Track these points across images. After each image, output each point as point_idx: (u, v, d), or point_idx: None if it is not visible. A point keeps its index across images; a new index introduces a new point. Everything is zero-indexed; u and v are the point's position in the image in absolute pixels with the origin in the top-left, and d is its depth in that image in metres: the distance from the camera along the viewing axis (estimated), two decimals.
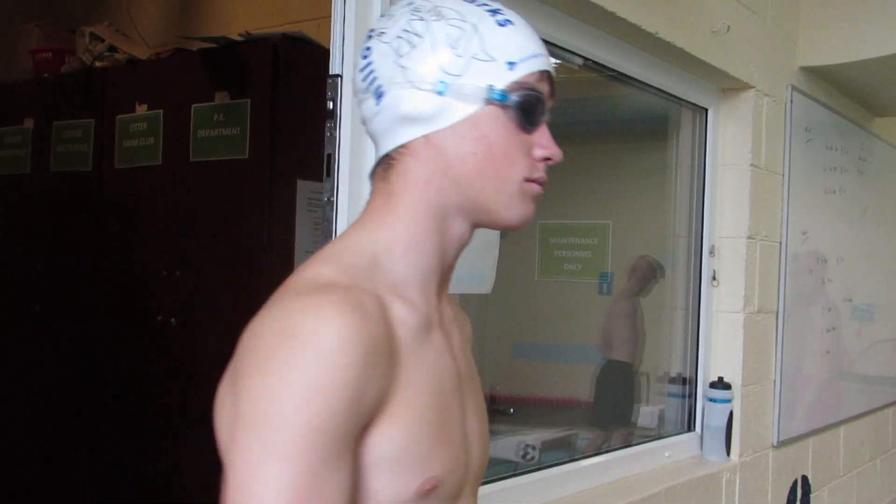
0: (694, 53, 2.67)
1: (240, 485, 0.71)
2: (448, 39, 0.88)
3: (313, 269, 0.85)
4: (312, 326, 0.73)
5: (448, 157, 0.89)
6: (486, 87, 0.88)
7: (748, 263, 3.05)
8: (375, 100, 0.91)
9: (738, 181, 3.06)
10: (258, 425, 0.71)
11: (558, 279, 2.90)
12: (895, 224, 4.59)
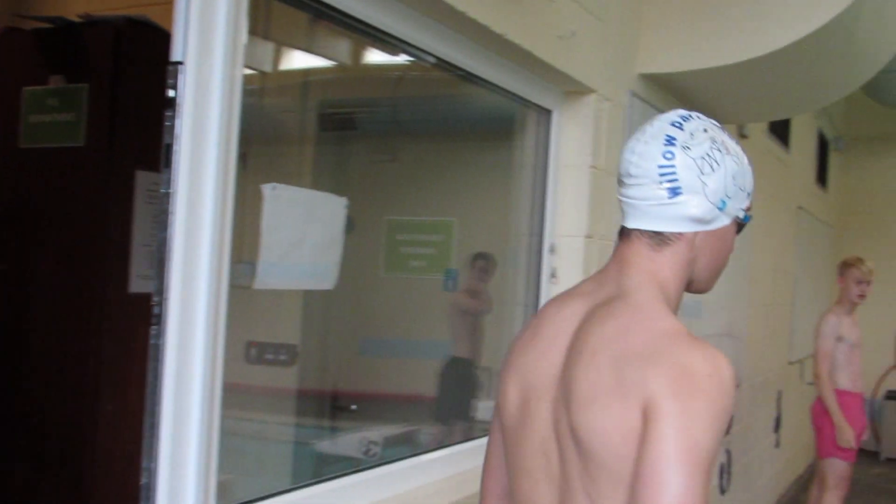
0: (540, 56, 2.76)
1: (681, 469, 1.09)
2: (732, 171, 1.32)
3: (666, 320, 1.26)
4: (722, 363, 1.19)
5: (701, 249, 1.35)
6: (741, 210, 1.36)
7: (586, 261, 3.19)
8: (669, 193, 1.30)
9: (578, 182, 3.19)
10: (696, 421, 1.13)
11: (404, 275, 2.94)
12: None
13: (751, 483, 5.87)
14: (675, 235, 1.33)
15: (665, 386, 1.14)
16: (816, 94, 4.49)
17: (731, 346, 5.26)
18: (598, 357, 1.23)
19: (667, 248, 1.34)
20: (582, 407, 1.21)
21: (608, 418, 1.17)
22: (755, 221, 4.65)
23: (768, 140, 6.14)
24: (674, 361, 1.16)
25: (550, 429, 1.30)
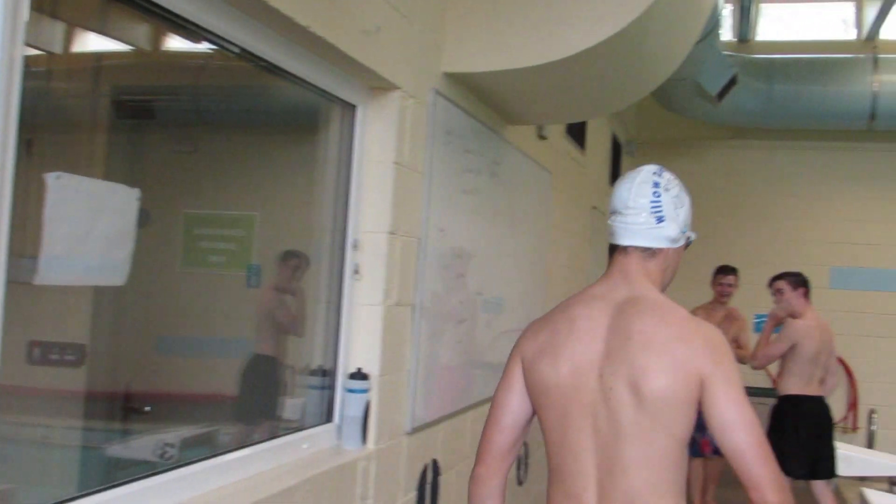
0: (345, 51, 2.78)
1: (744, 409, 1.83)
2: (688, 208, 2.07)
3: (681, 310, 1.98)
4: (721, 334, 1.96)
5: (670, 260, 2.07)
6: (692, 235, 2.11)
7: (389, 257, 3.23)
8: (656, 221, 2.01)
9: (382, 178, 3.23)
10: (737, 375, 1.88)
11: (203, 271, 2.88)
12: (522, 225, 5.10)
13: (545, 473, 6.12)
14: (658, 250, 2.05)
15: (708, 359, 1.88)
16: (610, 98, 4.75)
17: None
18: (650, 341, 1.90)
19: (653, 259, 2.06)
20: (648, 375, 1.87)
21: (671, 382, 1.86)
22: (553, 220, 4.86)
23: (565, 142, 6.44)
24: (703, 339, 1.91)
25: (598, 395, 1.93)
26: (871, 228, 9.79)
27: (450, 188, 3.82)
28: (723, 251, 9.91)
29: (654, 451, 1.87)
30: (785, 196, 10.06)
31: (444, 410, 3.90)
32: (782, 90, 8.93)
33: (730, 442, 1.84)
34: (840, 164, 9.92)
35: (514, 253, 4.99)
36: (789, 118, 9.24)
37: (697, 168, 10.26)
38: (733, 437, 1.83)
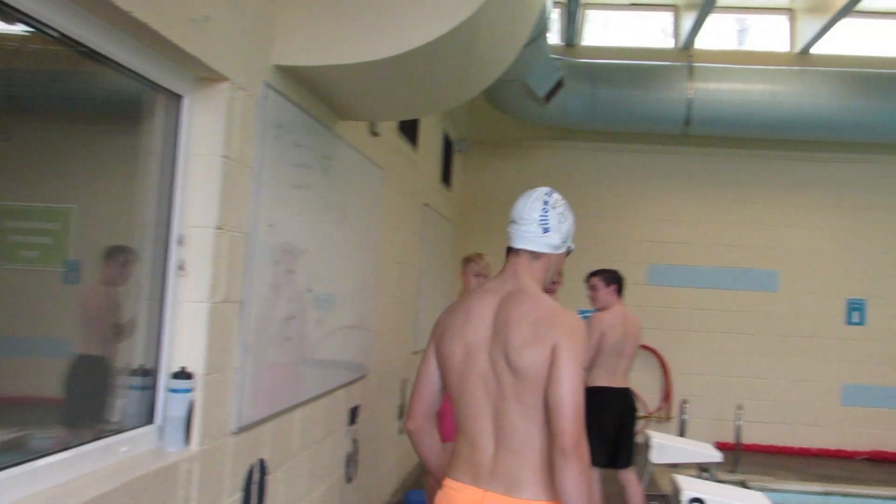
0: (170, 38, 2.71)
1: (573, 376, 2.40)
2: (570, 224, 2.74)
3: (551, 301, 2.56)
4: (582, 321, 2.54)
5: (552, 263, 2.71)
6: (572, 245, 2.75)
7: (216, 253, 3.17)
8: (542, 231, 2.67)
9: (209, 171, 3.17)
10: (578, 353, 2.47)
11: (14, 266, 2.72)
12: (353, 221, 5.11)
13: (377, 469, 6.18)
14: (542, 254, 2.71)
15: (563, 336, 2.47)
16: (442, 97, 4.83)
17: (361, 337, 5.50)
18: (522, 324, 2.53)
19: (538, 261, 2.71)
20: (518, 351, 2.50)
21: (535, 355, 2.47)
22: (385, 216, 4.88)
23: (398, 139, 6.50)
24: (564, 323, 2.50)
25: (488, 366, 2.58)
26: (685, 228, 10.41)
27: (280, 183, 3.79)
28: None
29: (529, 407, 2.49)
30: (608, 196, 10.53)
31: (272, 409, 3.87)
32: (606, 94, 9.35)
33: (552, 396, 2.44)
34: (658, 166, 10.48)
35: (345, 249, 5.00)
36: (612, 121, 9.69)
37: (526, 167, 10.58)
38: (556, 392, 2.42)
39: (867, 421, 10.13)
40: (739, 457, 8.61)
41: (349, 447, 5.31)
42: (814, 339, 10.25)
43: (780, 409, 10.20)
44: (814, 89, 9.28)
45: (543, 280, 2.70)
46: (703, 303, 10.34)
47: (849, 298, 10.26)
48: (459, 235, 10.21)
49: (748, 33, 10.81)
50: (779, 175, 10.39)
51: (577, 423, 2.39)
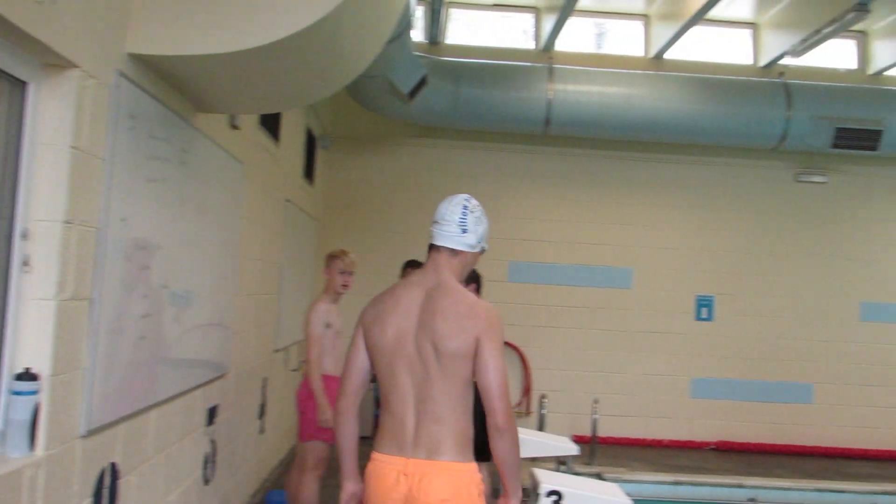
0: (12, 20, 2.58)
1: (497, 361, 2.93)
2: (485, 227, 3.21)
3: (470, 295, 3.08)
4: (496, 311, 3.04)
5: (468, 260, 3.17)
6: (486, 246, 3.23)
7: (63, 249, 3.04)
8: (461, 231, 3.13)
9: (57, 162, 3.03)
10: (499, 340, 2.98)
11: None
12: (212, 216, 4.99)
13: (236, 470, 6.06)
14: (460, 251, 3.15)
15: (484, 327, 2.94)
16: (303, 91, 4.78)
17: (220, 335, 5.38)
18: (448, 315, 2.98)
19: (456, 258, 3.15)
20: (445, 339, 2.95)
21: (460, 343, 2.93)
22: (245, 212, 4.78)
23: (259, 133, 6.39)
24: (484, 315, 2.97)
25: (414, 350, 3.01)
26: (545, 226, 10.67)
27: (133, 176, 3.66)
28: (415, 246, 10.33)
29: (449, 387, 2.97)
30: (470, 193, 10.61)
31: (124, 410, 3.74)
32: (468, 93, 9.47)
33: (482, 380, 2.94)
34: (520, 165, 10.70)
35: (203, 245, 4.88)
36: (475, 119, 9.83)
37: (389, 164, 10.61)
38: (485, 378, 2.93)
39: (714, 412, 10.65)
40: (596, 449, 8.89)
41: (207, 448, 5.20)
42: (665, 335, 10.69)
43: (634, 402, 10.59)
44: (667, 93, 9.68)
45: (461, 275, 3.17)
46: (561, 299, 10.62)
47: (698, 295, 10.75)
48: (322, 232, 10.13)
49: (606, 37, 11.17)
50: (634, 176, 10.78)
51: (504, 401, 2.92)
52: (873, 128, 9.68)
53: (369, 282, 7.07)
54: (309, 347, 5.53)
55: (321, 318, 5.55)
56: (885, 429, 10.73)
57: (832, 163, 10.77)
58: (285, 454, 8.42)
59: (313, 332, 5.52)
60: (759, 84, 9.92)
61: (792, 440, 10.62)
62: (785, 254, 10.83)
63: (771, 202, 10.87)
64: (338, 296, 5.75)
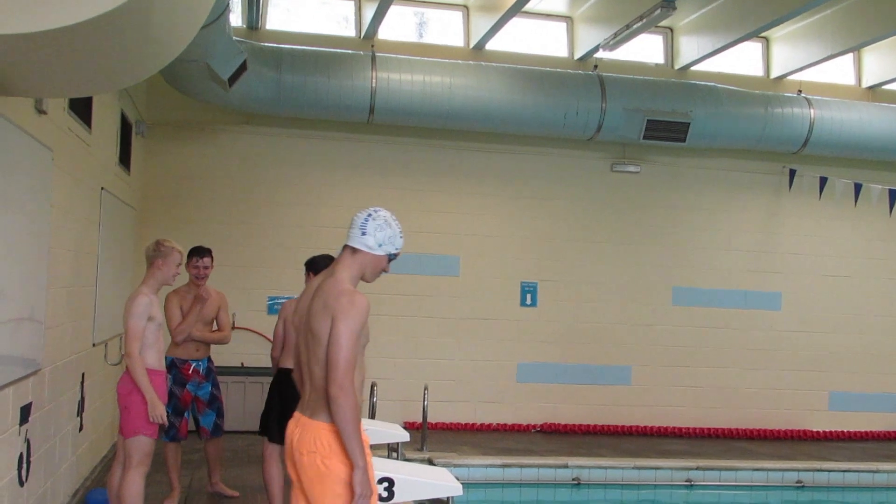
0: None
1: (344, 339, 3.51)
2: (388, 233, 3.78)
3: (347, 284, 3.67)
4: (362, 300, 3.60)
5: (369, 261, 3.77)
6: (391, 251, 3.82)
7: None
8: (361, 233, 3.74)
9: None
10: (350, 322, 3.54)
11: None
12: (17, 205, 4.83)
13: (53, 470, 5.88)
14: (359, 251, 3.74)
15: (339, 310, 3.54)
16: (114, 74, 4.68)
17: (30, 330, 5.21)
18: (319, 300, 3.63)
19: (356, 255, 3.74)
20: (313, 319, 3.62)
21: (322, 324, 3.57)
22: (56, 201, 4.66)
23: (69, 118, 6.20)
24: (345, 300, 3.55)
25: (305, 329, 3.71)
26: None
27: None
28: (236, 234, 10.26)
29: (320, 360, 3.58)
30: (296, 182, 10.67)
31: None
32: (290, 80, 9.48)
33: (329, 354, 3.51)
34: (345, 154, 10.79)
35: (8, 236, 4.71)
36: (298, 107, 9.85)
37: (211, 152, 10.46)
38: (330, 350, 3.51)
39: (540, 396, 11.13)
40: (426, 435, 9.13)
41: (21, 448, 5.03)
42: (492, 321, 11.06)
43: (463, 388, 10.92)
44: (488, 83, 10.02)
45: (359, 272, 3.76)
46: (390, 287, 10.75)
47: (522, 282, 11.19)
48: (142, 222, 9.88)
49: (427, 27, 11.41)
50: (459, 164, 11.08)
51: (340, 372, 3.47)
52: (682, 120, 10.38)
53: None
54: (130, 341, 5.39)
55: (144, 312, 5.44)
56: (696, 407, 11.53)
57: (645, 153, 11.44)
58: (107, 451, 8.20)
59: (136, 326, 5.39)
60: (576, 76, 10.43)
61: (613, 420, 11.25)
62: (603, 241, 11.43)
63: (589, 191, 11.44)
64: (161, 287, 5.67)
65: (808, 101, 11.00)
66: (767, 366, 11.78)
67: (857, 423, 11.93)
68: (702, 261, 11.71)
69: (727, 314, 11.72)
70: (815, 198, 11.61)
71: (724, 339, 11.69)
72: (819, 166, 11.60)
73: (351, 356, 3.49)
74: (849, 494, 9.43)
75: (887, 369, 12.11)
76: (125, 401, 5.39)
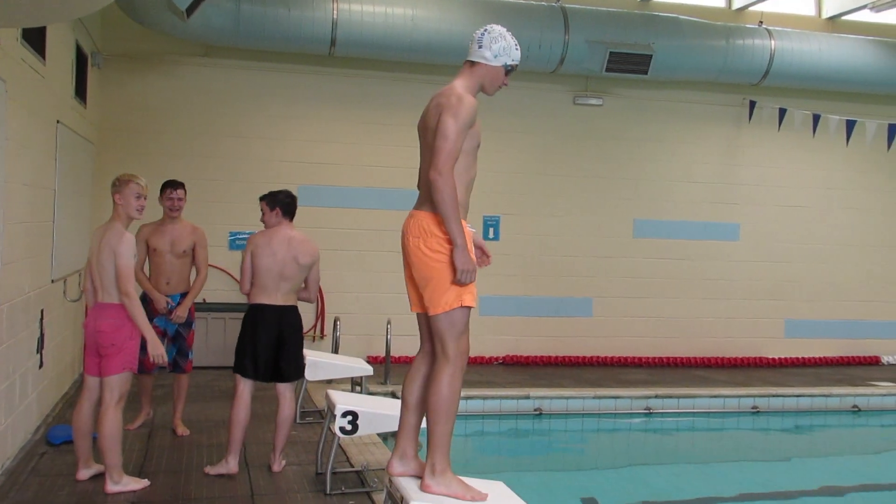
0: None
1: (447, 134, 3.82)
2: (506, 43, 4.06)
3: (460, 89, 3.97)
4: (471, 100, 3.93)
5: (486, 71, 4.07)
6: (508, 63, 4.09)
7: None
8: (478, 46, 4.04)
9: None
10: (457, 116, 3.85)
11: None
12: None
13: (13, 408, 5.81)
14: (478, 64, 4.04)
15: (449, 104, 3.89)
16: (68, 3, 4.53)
17: None
18: (433, 102, 4.07)
19: (475, 68, 4.06)
20: (428, 118, 4.03)
21: (434, 121, 3.96)
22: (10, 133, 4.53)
23: (22, 48, 5.99)
24: (454, 98, 3.92)
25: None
26: (335, 149, 10.69)
27: None
28: (199, 168, 10.10)
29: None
30: (258, 116, 10.49)
31: None
32: (249, 10, 9.25)
33: (433, 144, 3.85)
34: (307, 87, 10.61)
35: None
36: (258, 39, 9.63)
37: (170, 84, 10.23)
38: (435, 140, 3.83)
39: (502, 329, 11.20)
40: (390, 369, 9.15)
41: None
42: None
43: None
44: (451, 15, 9.86)
45: (478, 83, 4.08)
46: (353, 222, 10.73)
47: (485, 215, 11.16)
48: (100, 157, 9.67)
49: None
50: (422, 98, 10.78)
51: (444, 160, 3.78)
52: (644, 52, 10.31)
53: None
54: (124, 281, 5.19)
55: (132, 249, 5.28)
56: (656, 337, 11.70)
57: (607, 86, 11.39)
58: (69, 387, 8.13)
59: (128, 266, 5.21)
60: (539, 8, 10.29)
61: (574, 352, 11.38)
62: (565, 174, 11.41)
63: (551, 124, 11.38)
64: (130, 220, 5.50)
65: (769, 32, 10.97)
66: (725, 296, 11.95)
67: (811, 349, 12.20)
68: (663, 193, 11.77)
69: (687, 245, 11.83)
70: (774, 129, 11.66)
71: (683, 271, 11.81)
72: (779, 97, 11.64)
73: (453, 147, 3.75)
74: (802, 418, 9.65)
75: (842, 296, 12.36)
76: (110, 338, 5.20)
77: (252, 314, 5.79)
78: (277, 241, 5.78)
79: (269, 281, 5.73)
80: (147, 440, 6.56)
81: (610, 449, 9.01)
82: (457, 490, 3.85)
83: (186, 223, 6.89)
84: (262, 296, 5.74)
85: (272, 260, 5.72)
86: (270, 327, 5.73)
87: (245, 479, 5.63)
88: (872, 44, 11.33)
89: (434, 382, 3.94)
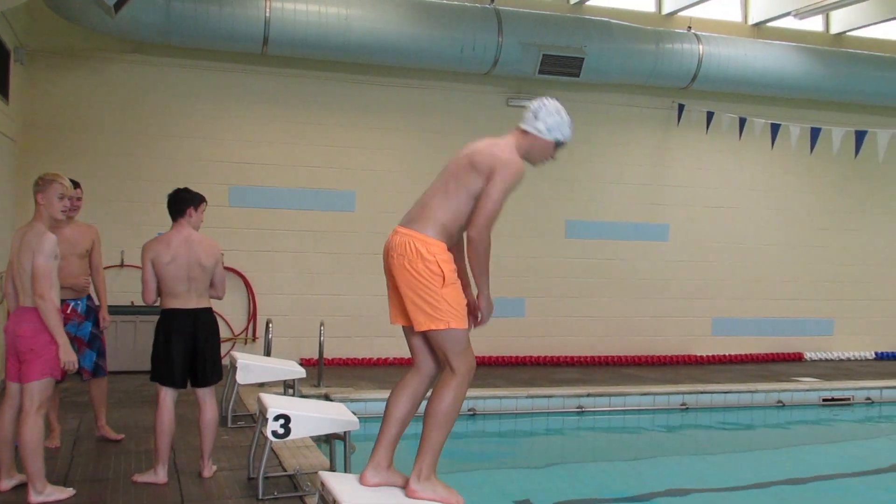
0: None
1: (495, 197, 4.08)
2: (561, 119, 4.30)
3: (513, 150, 4.24)
4: (521, 167, 4.21)
5: (537, 143, 4.29)
6: (559, 138, 4.33)
7: None
8: (534, 116, 4.28)
9: None
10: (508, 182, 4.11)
11: None
12: None
13: None
14: (530, 134, 4.26)
15: (504, 166, 4.10)
16: None
17: None
18: (468, 150, 4.32)
19: (527, 136, 4.26)
20: (456, 165, 4.24)
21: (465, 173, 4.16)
22: None
23: None
24: (508, 159, 4.17)
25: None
26: (267, 149, 10.53)
27: None
28: (126, 167, 9.86)
29: (445, 193, 4.21)
30: (186, 115, 10.27)
31: None
32: (180, 7, 9.06)
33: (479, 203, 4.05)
34: (239, 86, 10.43)
35: None
36: (189, 36, 9.44)
37: (98, 81, 9.97)
38: (481, 200, 4.04)
39: None
40: (323, 371, 9.03)
41: None
42: None
43: (360, 323, 10.83)
44: (384, 15, 9.79)
45: (526, 151, 4.27)
46: (285, 223, 10.58)
47: None
48: (23, 155, 9.35)
49: None
50: (355, 98, 10.84)
51: (487, 222, 4.03)
52: (576, 55, 10.37)
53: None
54: (41, 282, 4.97)
55: (53, 250, 5.06)
56: (588, 337, 11.79)
57: (540, 88, 11.38)
58: None
59: (47, 266, 5.00)
60: (473, 10, 10.29)
61: (507, 352, 11.39)
62: None
63: (485, 126, 11.25)
64: (55, 222, 5.28)
65: (698, 37, 11.14)
66: (655, 295, 12.10)
67: (737, 346, 12.43)
68: (594, 194, 11.86)
69: (617, 246, 11.94)
70: (702, 132, 11.82)
71: (614, 271, 11.93)
72: (706, 101, 11.81)
73: (497, 209, 4.01)
74: (729, 414, 9.79)
75: (767, 295, 12.62)
76: (30, 343, 4.99)
77: (165, 320, 5.58)
78: (176, 244, 5.56)
79: (178, 286, 5.52)
80: (72, 447, 6.33)
81: (544, 448, 9.02)
82: (442, 494, 4.11)
83: (82, 223, 6.63)
84: (173, 300, 5.53)
85: (175, 265, 5.49)
86: (184, 332, 5.54)
87: (175, 485, 5.47)
88: (796, 50, 11.58)
89: (439, 391, 4.21)
